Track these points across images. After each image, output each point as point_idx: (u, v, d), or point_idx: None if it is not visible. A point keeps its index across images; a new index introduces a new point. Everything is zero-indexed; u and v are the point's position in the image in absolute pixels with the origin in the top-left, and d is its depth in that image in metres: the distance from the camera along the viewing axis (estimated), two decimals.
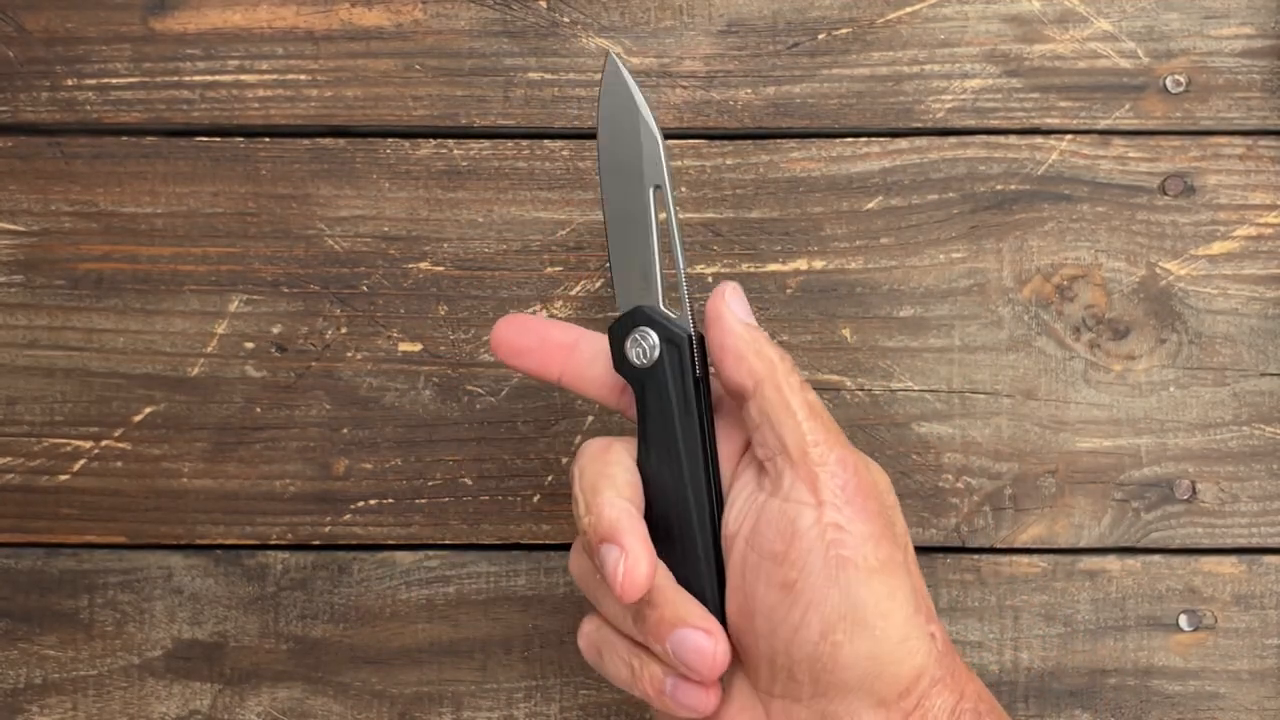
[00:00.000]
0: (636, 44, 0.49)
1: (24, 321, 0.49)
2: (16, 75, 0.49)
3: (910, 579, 0.36)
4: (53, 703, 0.48)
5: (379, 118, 0.49)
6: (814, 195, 0.48)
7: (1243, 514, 0.48)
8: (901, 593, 0.35)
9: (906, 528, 0.38)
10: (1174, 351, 0.48)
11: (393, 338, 0.48)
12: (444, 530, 0.48)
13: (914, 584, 0.36)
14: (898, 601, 0.35)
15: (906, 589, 0.36)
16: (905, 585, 0.36)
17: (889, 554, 0.35)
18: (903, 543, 0.37)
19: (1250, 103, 0.48)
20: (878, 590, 0.35)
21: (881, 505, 0.36)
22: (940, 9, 0.49)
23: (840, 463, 0.36)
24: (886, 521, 0.36)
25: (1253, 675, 0.48)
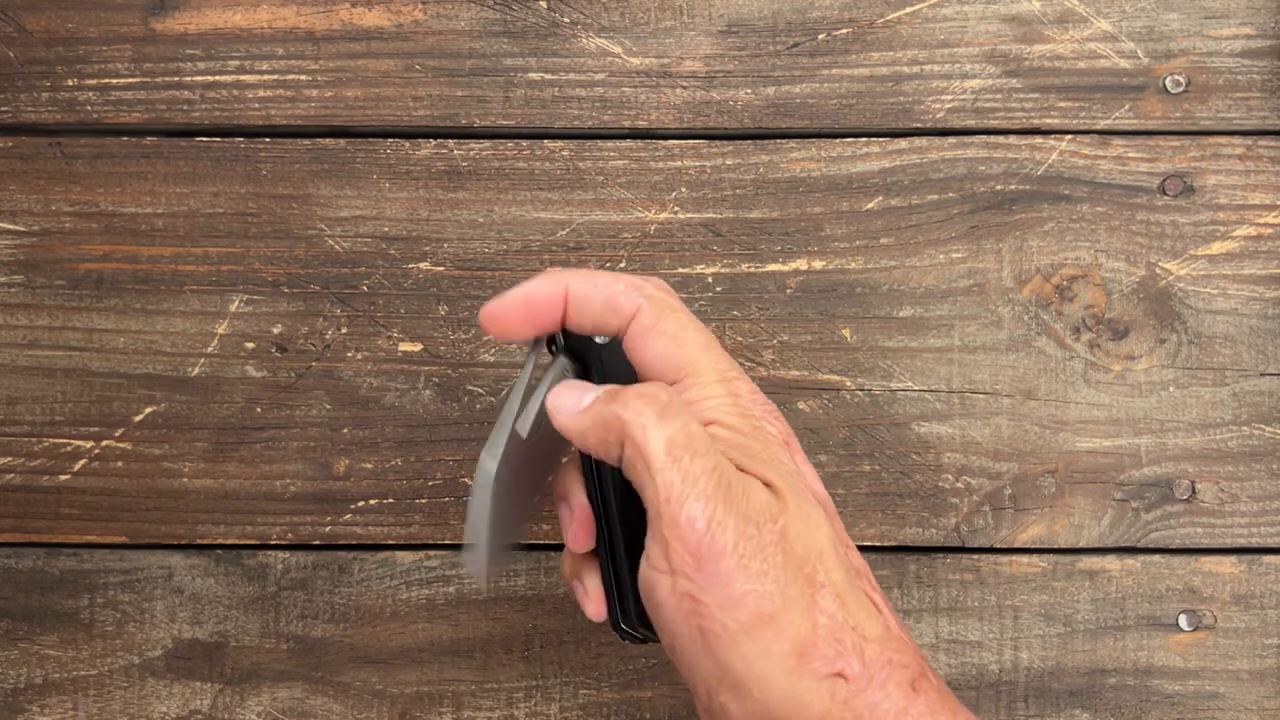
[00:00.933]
0: (636, 44, 0.49)
1: (24, 321, 0.49)
2: (17, 75, 0.49)
3: (791, 627, 0.33)
4: (53, 703, 0.48)
5: (379, 118, 0.49)
6: (814, 195, 0.48)
7: (1242, 514, 0.48)
8: (776, 649, 0.33)
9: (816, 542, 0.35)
10: (1174, 351, 0.48)
11: (393, 338, 0.48)
12: (444, 530, 0.48)
13: (797, 631, 0.33)
14: (773, 660, 0.33)
15: (782, 644, 0.33)
16: (780, 640, 0.33)
17: (754, 610, 0.33)
18: (790, 575, 0.34)
19: (1250, 103, 0.48)
20: (746, 654, 0.33)
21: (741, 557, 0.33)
22: (940, 9, 0.49)
23: (690, 522, 0.33)
24: (753, 572, 0.33)
25: (1252, 675, 0.48)
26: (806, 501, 0.35)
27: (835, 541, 0.35)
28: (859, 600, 0.35)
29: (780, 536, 0.34)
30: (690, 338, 0.37)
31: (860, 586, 0.35)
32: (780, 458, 0.36)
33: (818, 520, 0.35)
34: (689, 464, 0.34)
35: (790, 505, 0.34)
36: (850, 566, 0.35)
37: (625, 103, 0.49)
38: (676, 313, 0.37)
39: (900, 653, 0.34)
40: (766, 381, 0.48)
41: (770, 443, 0.36)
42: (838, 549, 0.35)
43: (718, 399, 0.36)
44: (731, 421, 0.36)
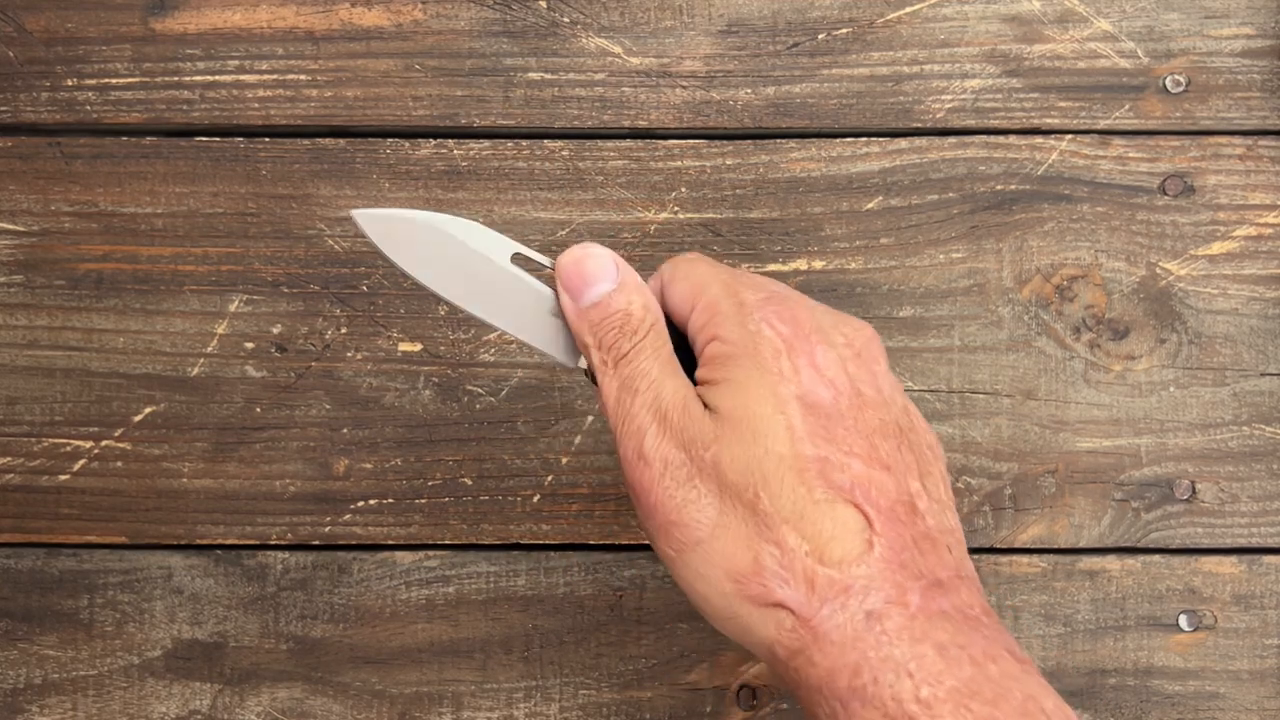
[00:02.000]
0: (636, 44, 0.49)
1: (24, 321, 0.49)
2: (17, 75, 0.49)
3: (721, 554, 0.34)
4: (53, 703, 0.48)
5: (379, 118, 0.49)
6: (814, 195, 0.48)
7: (1242, 514, 0.48)
8: (709, 573, 0.34)
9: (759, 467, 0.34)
10: (1174, 351, 0.48)
11: (393, 338, 0.48)
12: (444, 530, 0.48)
13: (730, 560, 0.34)
14: (709, 583, 0.34)
15: (713, 570, 0.34)
16: (710, 566, 0.34)
17: (681, 538, 0.34)
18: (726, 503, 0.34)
19: (1250, 103, 0.48)
20: (686, 575, 0.35)
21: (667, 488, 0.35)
22: (940, 9, 0.49)
23: (623, 458, 0.36)
24: (678, 501, 0.35)
25: (1253, 675, 0.48)
26: (753, 423, 0.34)
27: (790, 460, 0.34)
28: (829, 519, 0.34)
29: (714, 463, 0.34)
30: (700, 269, 0.38)
31: (842, 499, 0.34)
32: (749, 374, 0.35)
33: (765, 443, 0.34)
34: (628, 403, 0.36)
35: (725, 432, 0.34)
36: (821, 480, 0.34)
37: (625, 103, 0.49)
38: (693, 264, 0.38)
39: (870, 577, 0.33)
40: None
41: (750, 357, 0.35)
42: (797, 468, 0.34)
43: (721, 310, 0.37)
44: (727, 331, 0.36)
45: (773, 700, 0.48)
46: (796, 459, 0.34)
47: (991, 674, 0.32)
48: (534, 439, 0.48)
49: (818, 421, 0.35)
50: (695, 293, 0.38)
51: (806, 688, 0.33)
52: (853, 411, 0.35)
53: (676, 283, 0.38)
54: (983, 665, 0.32)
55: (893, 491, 0.35)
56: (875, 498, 0.34)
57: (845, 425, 0.35)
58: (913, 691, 0.31)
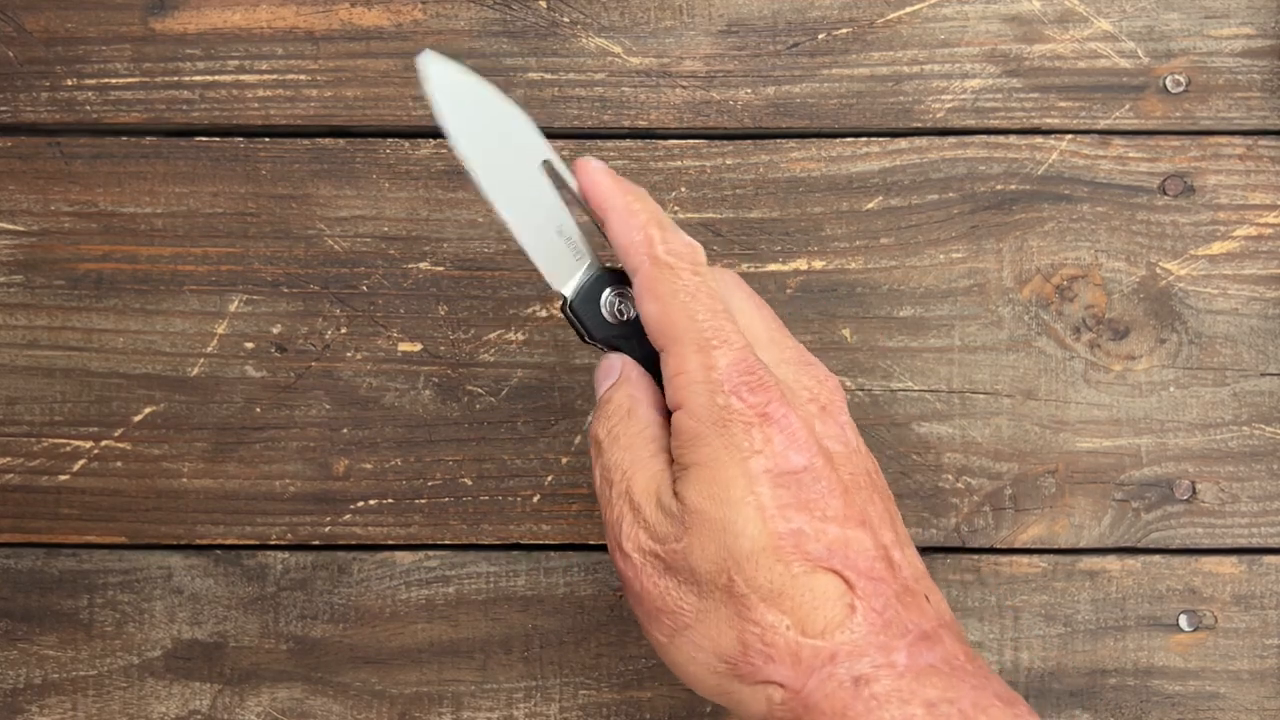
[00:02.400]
0: (636, 44, 0.49)
1: (24, 321, 0.49)
2: (16, 75, 0.49)
3: (708, 639, 0.35)
4: (52, 703, 0.48)
5: (379, 118, 0.49)
6: (814, 195, 0.48)
7: (1243, 514, 0.48)
8: (700, 657, 0.35)
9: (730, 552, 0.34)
10: (1174, 351, 0.48)
11: (393, 338, 0.48)
12: (444, 530, 0.48)
13: (717, 643, 0.34)
14: (700, 665, 0.35)
15: (704, 654, 0.35)
16: (701, 650, 0.35)
17: (670, 625, 0.35)
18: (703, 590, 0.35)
19: (1250, 103, 0.48)
20: (677, 659, 0.36)
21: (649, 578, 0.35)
22: (940, 9, 0.49)
23: (610, 552, 0.37)
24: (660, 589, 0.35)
25: (1253, 675, 0.48)
26: (722, 510, 0.34)
27: (764, 540, 0.34)
28: (808, 591, 0.34)
29: (684, 555, 0.35)
30: (678, 303, 0.36)
31: (821, 569, 0.34)
32: (716, 455, 0.35)
33: (736, 529, 0.34)
34: (607, 495, 0.37)
35: (693, 522, 0.34)
36: (798, 553, 0.34)
37: (625, 102, 0.49)
38: (677, 274, 0.36)
39: (854, 643, 0.33)
40: None
41: (719, 434, 0.35)
42: (771, 546, 0.34)
43: (689, 374, 0.35)
44: (696, 404, 0.35)
45: None
46: (770, 537, 0.34)
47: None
48: (534, 439, 0.48)
49: (789, 493, 0.35)
50: (667, 329, 0.36)
51: None
52: (825, 472, 0.35)
53: (652, 300, 0.36)
54: (973, 719, 0.33)
55: (871, 549, 0.35)
56: (854, 559, 0.34)
57: (819, 488, 0.35)
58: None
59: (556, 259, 0.38)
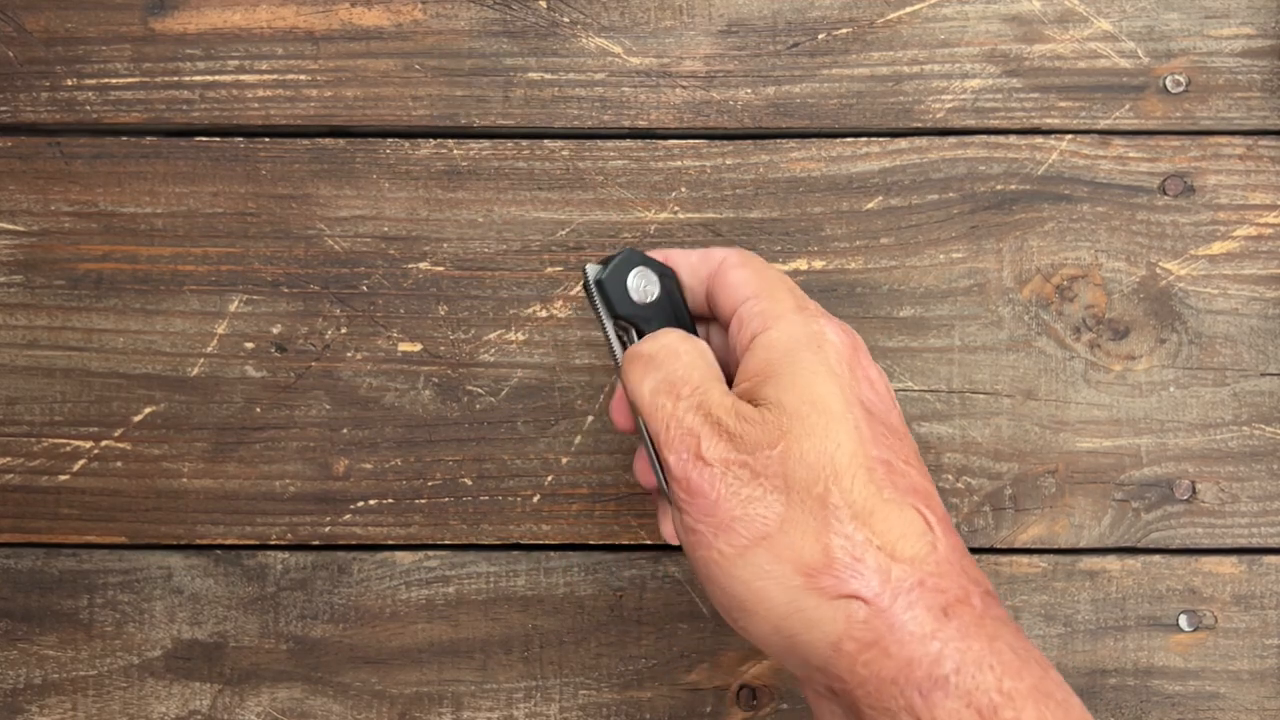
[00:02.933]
0: (636, 44, 0.49)
1: (24, 321, 0.49)
2: (16, 75, 0.49)
3: (791, 548, 0.34)
4: (53, 703, 0.48)
5: (379, 118, 0.49)
6: (814, 195, 0.48)
7: (1243, 514, 0.48)
8: (774, 569, 0.34)
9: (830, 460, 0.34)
10: (1174, 351, 0.48)
11: (393, 338, 0.48)
12: (444, 530, 0.48)
13: (800, 552, 0.34)
14: (772, 578, 0.34)
15: (780, 565, 0.34)
16: (778, 561, 0.34)
17: (746, 534, 0.34)
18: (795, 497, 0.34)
19: (1250, 103, 0.48)
20: (745, 574, 0.34)
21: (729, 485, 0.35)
22: (940, 9, 0.49)
23: (678, 463, 0.35)
24: (743, 498, 0.34)
25: (1253, 675, 0.48)
26: (824, 418, 0.35)
27: (862, 458, 0.34)
28: (897, 518, 0.34)
29: (780, 460, 0.34)
30: (770, 269, 0.39)
31: (907, 502, 0.34)
32: (816, 370, 0.36)
33: (837, 439, 0.34)
34: (671, 408, 0.36)
35: (794, 426, 0.35)
36: (888, 481, 0.35)
37: (625, 103, 0.49)
38: (756, 259, 0.39)
39: (939, 575, 0.34)
40: None
41: (815, 353, 0.36)
42: (867, 465, 0.34)
43: (782, 303, 0.37)
44: (790, 325, 0.37)
45: (773, 700, 0.48)
46: (866, 458, 0.34)
47: (1054, 679, 0.33)
48: (534, 439, 0.48)
49: (880, 427, 0.36)
50: (760, 282, 0.38)
51: (877, 680, 0.33)
52: (901, 428, 0.37)
53: (742, 269, 0.38)
54: (1047, 670, 0.33)
55: (940, 506, 0.36)
56: (933, 505, 0.35)
57: (899, 438, 0.36)
58: (995, 683, 0.32)
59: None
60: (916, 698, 0.32)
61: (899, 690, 0.32)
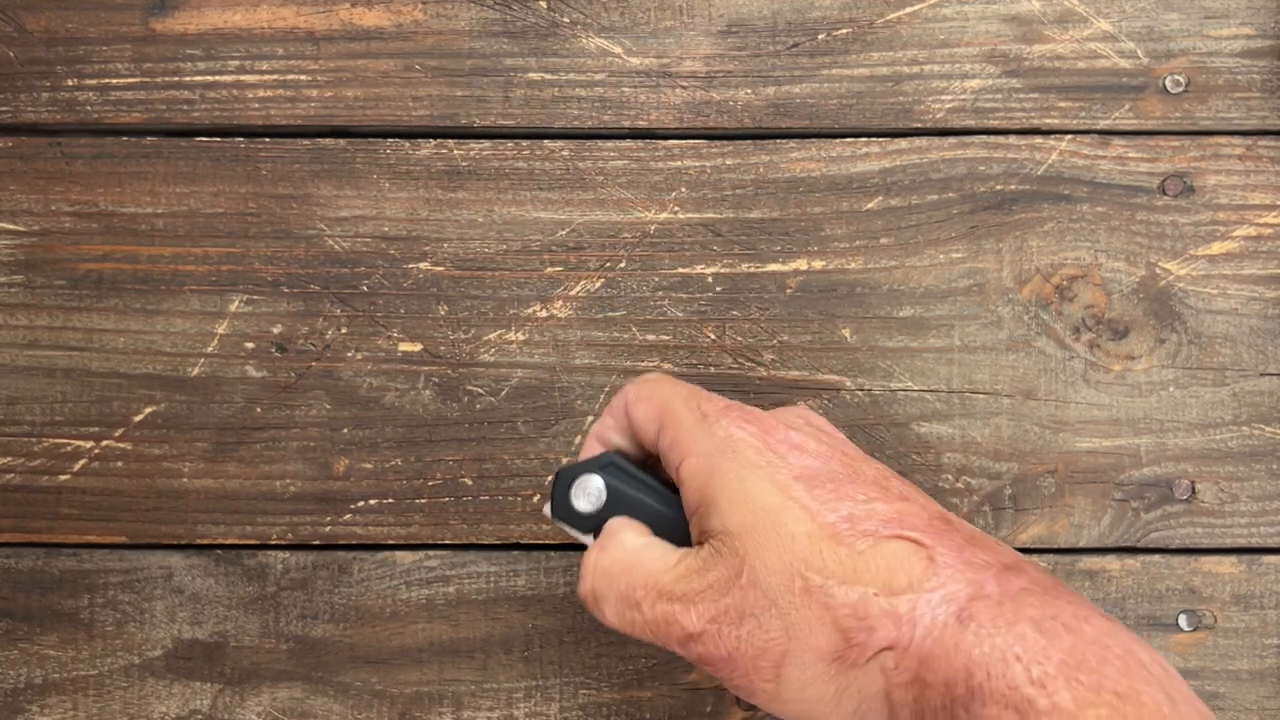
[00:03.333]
0: (636, 44, 0.49)
1: (24, 321, 0.49)
2: (17, 75, 0.49)
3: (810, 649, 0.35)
4: (53, 703, 0.48)
5: (379, 118, 0.49)
6: (814, 195, 0.48)
7: (1242, 514, 0.48)
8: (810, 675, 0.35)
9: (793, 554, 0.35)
10: (1174, 351, 0.48)
11: (393, 338, 0.48)
12: (444, 530, 0.48)
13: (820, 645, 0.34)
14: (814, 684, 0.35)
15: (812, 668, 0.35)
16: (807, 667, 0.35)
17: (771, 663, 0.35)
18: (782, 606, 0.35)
19: (1250, 103, 0.48)
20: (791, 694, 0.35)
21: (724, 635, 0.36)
22: (940, 9, 0.49)
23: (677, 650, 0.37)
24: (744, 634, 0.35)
25: (1253, 675, 0.48)
26: (768, 519, 0.35)
27: (819, 532, 0.35)
28: (880, 559, 0.34)
29: (751, 583, 0.35)
30: (662, 389, 0.40)
31: (884, 537, 0.35)
32: (740, 478, 0.36)
33: (790, 531, 0.35)
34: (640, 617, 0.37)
35: (747, 545, 0.35)
36: (855, 533, 0.35)
37: (625, 103, 0.49)
38: (658, 384, 0.40)
39: (945, 585, 0.34)
40: (766, 382, 0.48)
41: (731, 461, 0.36)
42: (828, 535, 0.35)
43: (684, 424, 0.38)
44: (700, 445, 0.37)
45: None
46: (825, 528, 0.35)
47: (1088, 636, 0.33)
48: (534, 439, 0.48)
49: (825, 489, 0.36)
50: (659, 410, 0.39)
51: (931, 710, 0.33)
52: (847, 469, 0.37)
53: (640, 403, 0.40)
54: (1078, 630, 0.33)
55: (923, 514, 0.36)
56: (912, 523, 0.35)
57: (849, 482, 0.36)
58: (1025, 674, 0.32)
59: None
60: (963, 714, 0.32)
61: (949, 714, 0.33)
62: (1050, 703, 0.31)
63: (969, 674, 0.32)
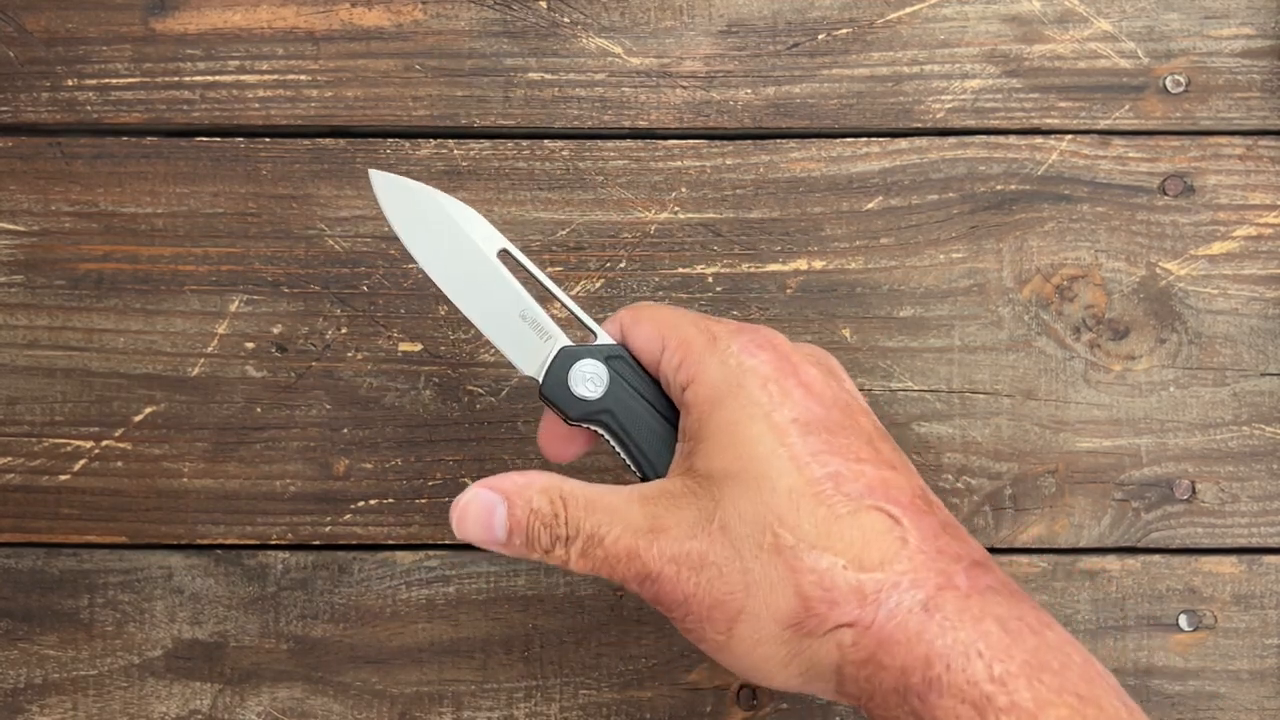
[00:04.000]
0: (636, 44, 0.49)
1: (24, 321, 0.49)
2: (17, 75, 0.49)
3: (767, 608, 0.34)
4: (53, 703, 0.48)
5: (379, 118, 0.49)
6: (814, 195, 0.48)
7: (1243, 514, 0.48)
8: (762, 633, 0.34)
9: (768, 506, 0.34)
10: (1174, 351, 0.48)
11: (393, 338, 0.48)
12: (444, 530, 0.48)
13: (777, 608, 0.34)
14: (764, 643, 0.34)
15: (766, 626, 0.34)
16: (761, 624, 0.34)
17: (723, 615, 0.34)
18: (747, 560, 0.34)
19: (1250, 103, 0.48)
20: (740, 649, 0.35)
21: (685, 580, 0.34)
22: (940, 9, 0.49)
23: (637, 590, 0.36)
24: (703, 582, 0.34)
25: (1253, 675, 0.48)
26: (754, 466, 0.34)
27: (802, 486, 0.34)
28: (856, 528, 0.33)
29: (721, 530, 0.34)
30: (666, 315, 0.38)
31: (865, 505, 0.34)
32: (737, 417, 0.35)
33: (771, 483, 0.34)
34: (603, 557, 0.35)
35: (724, 491, 0.34)
36: (838, 494, 0.34)
37: (625, 103, 0.49)
38: (654, 308, 0.38)
39: (915, 570, 0.33)
40: None
41: (734, 396, 0.35)
42: (811, 492, 0.34)
43: (693, 347, 0.36)
44: (707, 372, 0.36)
45: (773, 700, 0.48)
46: (809, 484, 0.34)
47: (1051, 641, 0.32)
48: (534, 439, 0.48)
49: (819, 439, 0.34)
50: (663, 331, 0.37)
51: (882, 693, 0.33)
52: (847, 420, 0.35)
53: (641, 324, 0.38)
54: (1041, 634, 0.32)
55: (907, 487, 0.35)
56: (895, 495, 0.34)
57: (846, 435, 0.35)
58: (986, 671, 0.31)
59: (521, 343, 0.39)
60: (917, 703, 0.32)
61: (901, 699, 0.32)
62: (1010, 700, 0.31)
63: (928, 663, 0.32)
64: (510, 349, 0.39)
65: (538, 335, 0.39)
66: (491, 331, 0.39)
